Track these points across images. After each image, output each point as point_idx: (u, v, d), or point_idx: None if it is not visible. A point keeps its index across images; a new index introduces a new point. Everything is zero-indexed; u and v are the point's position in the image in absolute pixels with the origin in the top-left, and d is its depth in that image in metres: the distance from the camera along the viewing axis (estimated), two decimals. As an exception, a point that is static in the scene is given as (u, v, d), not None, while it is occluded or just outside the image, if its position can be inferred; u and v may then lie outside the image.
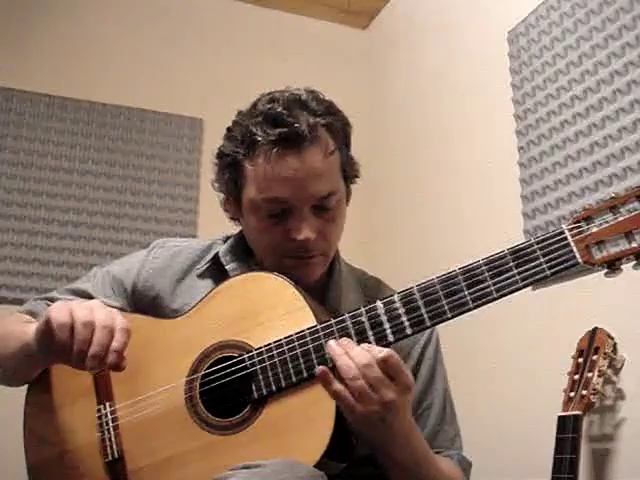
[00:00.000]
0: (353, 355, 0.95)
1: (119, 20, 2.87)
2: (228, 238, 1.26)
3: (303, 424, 0.98)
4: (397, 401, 0.94)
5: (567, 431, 1.53)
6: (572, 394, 1.58)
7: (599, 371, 1.57)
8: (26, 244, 2.54)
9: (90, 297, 1.21)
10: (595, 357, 1.59)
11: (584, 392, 1.56)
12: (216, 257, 1.22)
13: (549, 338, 1.89)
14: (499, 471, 1.93)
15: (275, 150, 1.07)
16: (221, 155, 1.17)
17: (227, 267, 1.19)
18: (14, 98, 2.64)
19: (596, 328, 1.63)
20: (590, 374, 1.58)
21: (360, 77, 3.14)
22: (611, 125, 1.77)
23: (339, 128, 1.14)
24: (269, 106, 1.10)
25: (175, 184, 2.80)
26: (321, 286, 1.20)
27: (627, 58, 1.75)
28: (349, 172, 1.19)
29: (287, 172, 1.07)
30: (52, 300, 1.24)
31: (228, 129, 1.17)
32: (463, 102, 2.48)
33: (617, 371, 1.62)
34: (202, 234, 2.70)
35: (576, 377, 1.60)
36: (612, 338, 1.61)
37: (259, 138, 1.08)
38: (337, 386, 0.95)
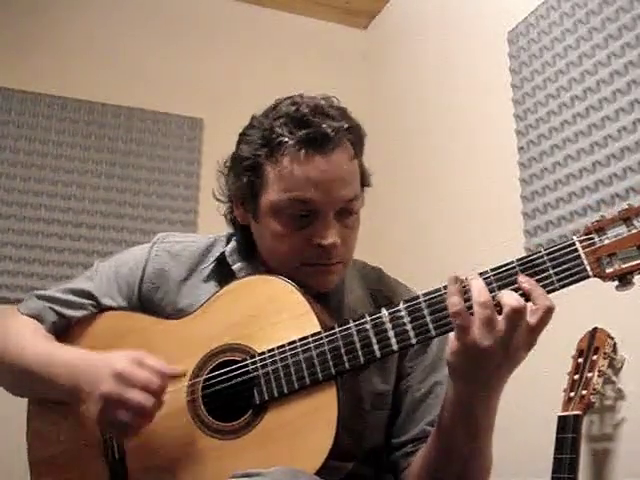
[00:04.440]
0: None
1: (119, 20, 2.87)
2: (231, 235, 1.24)
3: (305, 431, 0.97)
4: (521, 352, 0.91)
5: (567, 431, 1.53)
6: (572, 394, 1.58)
7: (599, 371, 1.58)
8: (26, 244, 2.54)
9: (92, 297, 1.20)
10: (595, 357, 1.59)
11: (584, 392, 1.56)
12: (221, 257, 1.20)
13: (549, 338, 1.88)
14: (499, 471, 1.92)
15: (303, 151, 1.04)
16: (238, 159, 1.13)
17: (234, 267, 1.17)
18: (14, 98, 2.64)
19: (596, 328, 1.63)
20: (590, 374, 1.58)
21: (360, 77, 3.14)
22: (611, 125, 1.77)
23: (358, 135, 1.13)
24: (293, 108, 1.08)
25: (175, 184, 2.80)
26: None
27: (627, 58, 1.75)
28: (365, 180, 1.17)
29: (315, 173, 1.04)
30: (53, 300, 1.21)
31: (243, 133, 1.15)
32: (463, 102, 2.48)
33: (617, 371, 1.62)
34: (202, 234, 2.70)
35: (576, 377, 1.60)
36: (612, 338, 1.61)
37: (285, 139, 1.05)
38: (457, 300, 0.90)
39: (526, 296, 0.90)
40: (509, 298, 0.89)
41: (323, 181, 1.05)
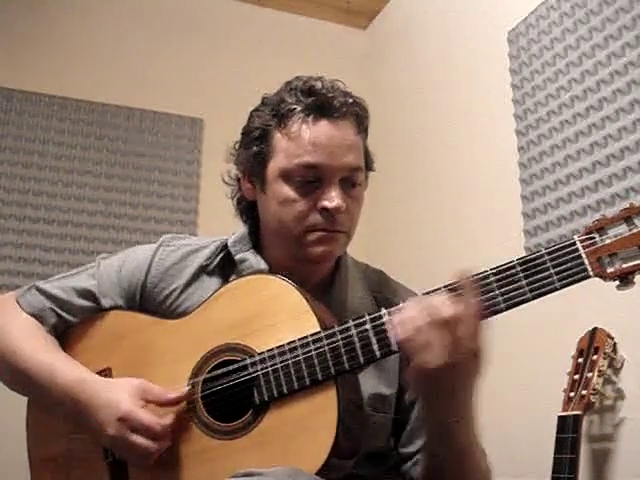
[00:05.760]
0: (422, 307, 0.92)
1: (119, 20, 2.88)
2: None
3: (305, 431, 0.97)
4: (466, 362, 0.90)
5: (567, 431, 1.53)
6: (572, 394, 1.58)
7: (599, 371, 1.58)
8: (26, 244, 2.54)
9: (93, 297, 1.20)
10: (595, 357, 1.59)
11: (584, 392, 1.56)
12: (224, 248, 1.20)
13: (549, 338, 1.89)
14: (499, 471, 1.92)
15: (311, 116, 1.09)
16: (248, 132, 1.16)
17: (236, 257, 1.18)
18: (14, 98, 2.64)
19: (596, 328, 1.63)
20: (590, 374, 1.58)
21: (360, 77, 3.14)
22: (611, 125, 1.77)
23: (364, 113, 1.17)
24: (302, 82, 1.14)
25: (175, 184, 2.81)
26: (329, 280, 1.19)
27: (627, 58, 1.75)
28: (368, 161, 1.20)
29: (322, 138, 1.08)
30: (54, 300, 1.20)
31: (255, 110, 1.18)
32: (463, 102, 2.48)
33: (617, 371, 1.62)
34: (202, 234, 2.70)
35: (576, 377, 1.60)
36: (612, 338, 1.61)
37: (294, 106, 1.10)
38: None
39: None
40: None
41: (329, 145, 1.08)
